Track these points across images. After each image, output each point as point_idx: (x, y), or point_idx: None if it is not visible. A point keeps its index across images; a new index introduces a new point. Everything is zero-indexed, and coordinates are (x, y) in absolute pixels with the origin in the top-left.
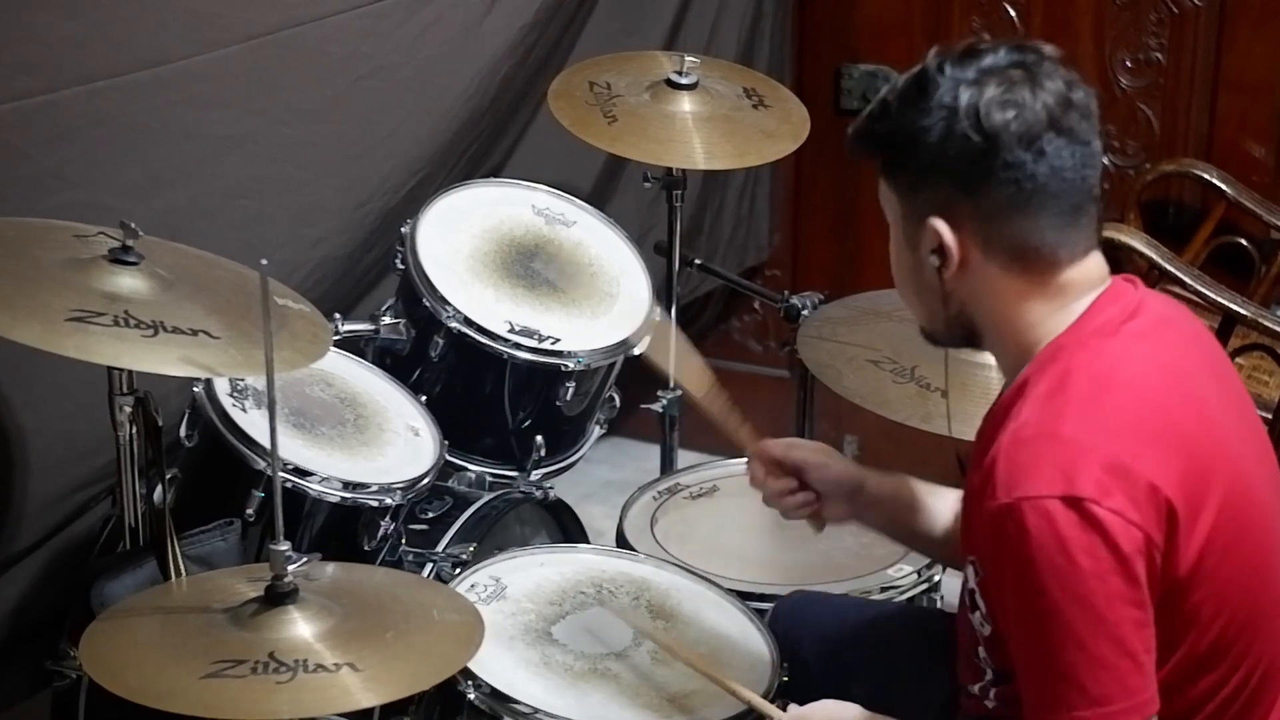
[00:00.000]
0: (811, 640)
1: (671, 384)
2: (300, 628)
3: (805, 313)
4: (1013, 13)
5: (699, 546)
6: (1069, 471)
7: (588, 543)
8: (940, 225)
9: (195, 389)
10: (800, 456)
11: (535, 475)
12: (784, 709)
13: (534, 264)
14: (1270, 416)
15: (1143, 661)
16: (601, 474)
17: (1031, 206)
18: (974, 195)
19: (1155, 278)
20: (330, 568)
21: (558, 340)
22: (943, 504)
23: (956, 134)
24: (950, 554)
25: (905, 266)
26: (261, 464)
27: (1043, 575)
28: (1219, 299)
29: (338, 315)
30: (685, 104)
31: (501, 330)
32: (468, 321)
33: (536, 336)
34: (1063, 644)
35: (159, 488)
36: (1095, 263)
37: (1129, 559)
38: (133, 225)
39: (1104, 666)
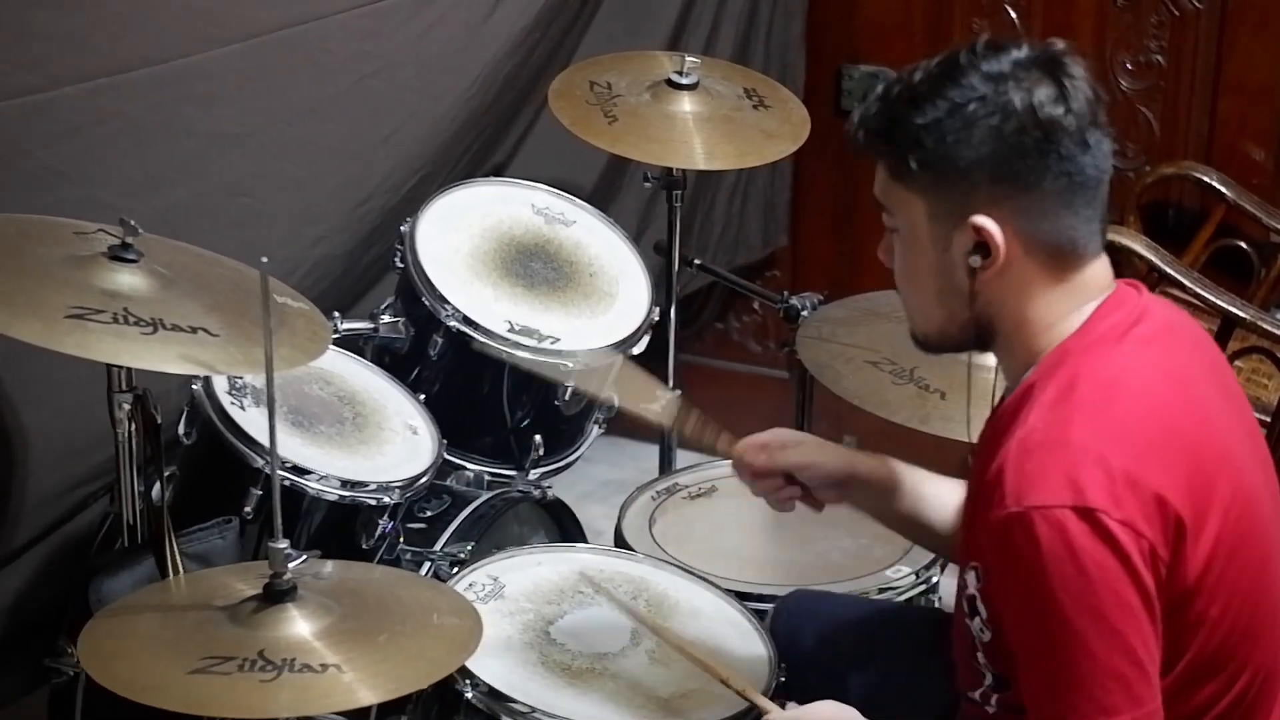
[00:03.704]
0: (812, 634)
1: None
2: (296, 626)
3: (804, 313)
4: (1013, 14)
5: (697, 547)
6: (1079, 481)
7: (586, 542)
8: (988, 223)
9: (194, 386)
10: (785, 463)
11: (534, 474)
12: (783, 708)
13: (533, 263)
14: (1270, 420)
15: (1150, 671)
16: (600, 473)
17: (1076, 201)
18: (1024, 191)
19: (1155, 280)
20: (333, 566)
21: (557, 340)
22: (942, 491)
23: (1009, 130)
24: (949, 546)
25: (926, 270)
26: (260, 462)
27: (1053, 585)
28: (1218, 302)
29: (337, 313)
30: (686, 104)
31: (501, 329)
32: (467, 320)
33: (536, 336)
34: (1073, 654)
35: (157, 485)
36: (1104, 265)
37: (1139, 570)
38: (132, 223)
39: (1114, 676)
